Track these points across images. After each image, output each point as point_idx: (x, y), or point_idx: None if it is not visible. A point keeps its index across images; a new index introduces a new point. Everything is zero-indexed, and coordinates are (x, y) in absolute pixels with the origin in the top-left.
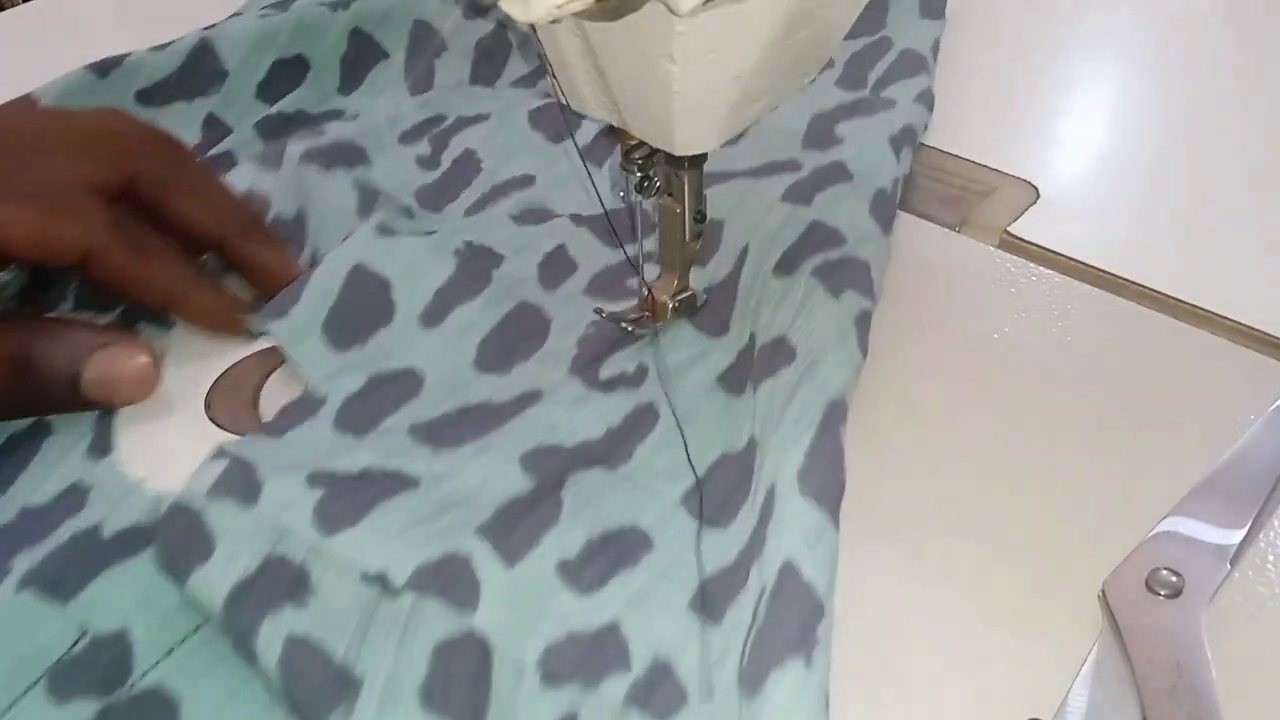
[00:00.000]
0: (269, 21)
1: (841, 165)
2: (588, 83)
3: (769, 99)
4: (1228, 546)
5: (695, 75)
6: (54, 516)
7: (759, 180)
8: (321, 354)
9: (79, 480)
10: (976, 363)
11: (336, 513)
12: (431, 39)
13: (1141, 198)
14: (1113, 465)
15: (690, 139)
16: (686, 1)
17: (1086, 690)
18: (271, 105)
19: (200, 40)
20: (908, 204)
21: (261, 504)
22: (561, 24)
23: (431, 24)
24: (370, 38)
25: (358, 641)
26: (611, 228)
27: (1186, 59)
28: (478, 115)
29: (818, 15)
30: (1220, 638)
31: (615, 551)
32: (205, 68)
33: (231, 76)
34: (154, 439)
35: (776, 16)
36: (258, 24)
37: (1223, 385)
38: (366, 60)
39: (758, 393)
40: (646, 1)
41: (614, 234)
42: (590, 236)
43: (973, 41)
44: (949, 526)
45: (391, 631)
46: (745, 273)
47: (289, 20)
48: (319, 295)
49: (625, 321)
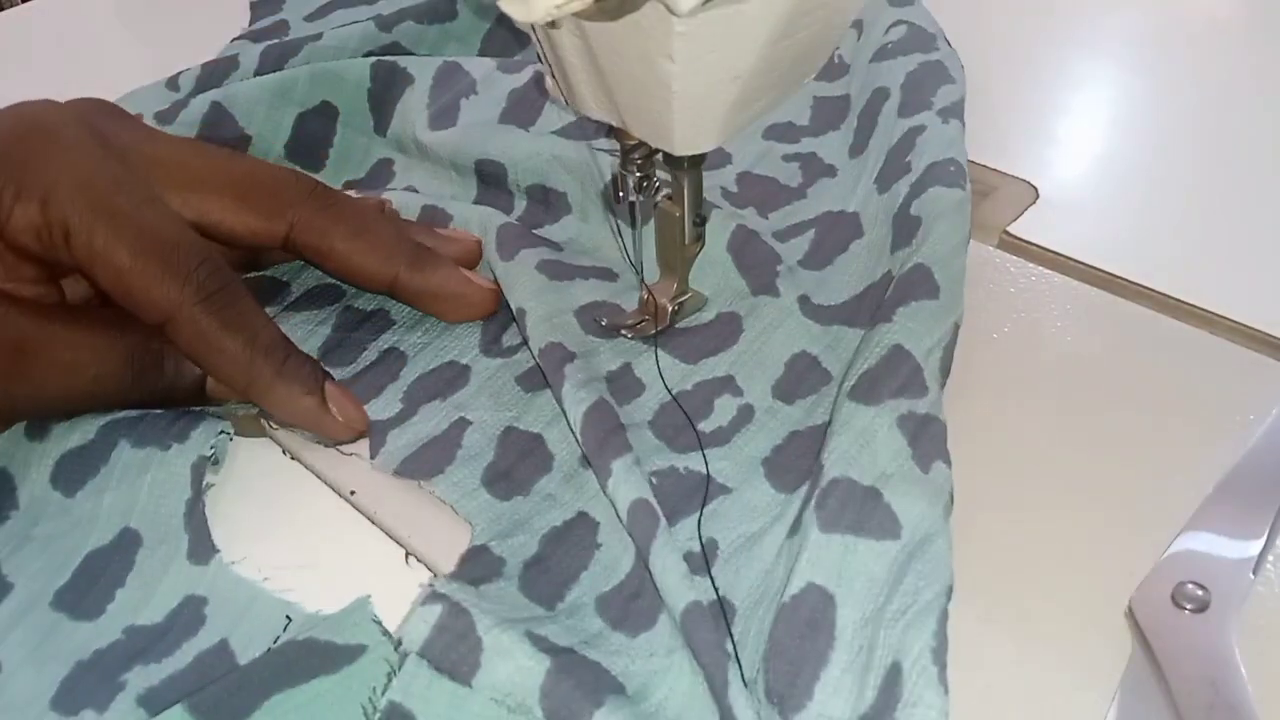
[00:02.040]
0: (283, 76)
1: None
2: (587, 83)
3: (769, 99)
4: (1249, 557)
5: (695, 75)
6: (171, 636)
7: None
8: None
9: (192, 592)
10: (976, 363)
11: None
12: (461, 78)
13: (1141, 198)
14: (1119, 470)
15: (690, 139)
16: (686, 1)
17: (1121, 711)
18: (300, 161)
19: (211, 105)
20: None
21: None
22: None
23: (462, 65)
24: (395, 65)
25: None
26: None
27: (1187, 59)
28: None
29: (817, 15)
30: (1249, 649)
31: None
32: (226, 133)
33: (256, 140)
34: (254, 519)
35: (776, 16)
36: (271, 80)
37: (1223, 386)
38: (393, 92)
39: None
40: (646, 1)
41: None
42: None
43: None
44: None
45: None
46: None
47: (302, 71)
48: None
49: (624, 328)
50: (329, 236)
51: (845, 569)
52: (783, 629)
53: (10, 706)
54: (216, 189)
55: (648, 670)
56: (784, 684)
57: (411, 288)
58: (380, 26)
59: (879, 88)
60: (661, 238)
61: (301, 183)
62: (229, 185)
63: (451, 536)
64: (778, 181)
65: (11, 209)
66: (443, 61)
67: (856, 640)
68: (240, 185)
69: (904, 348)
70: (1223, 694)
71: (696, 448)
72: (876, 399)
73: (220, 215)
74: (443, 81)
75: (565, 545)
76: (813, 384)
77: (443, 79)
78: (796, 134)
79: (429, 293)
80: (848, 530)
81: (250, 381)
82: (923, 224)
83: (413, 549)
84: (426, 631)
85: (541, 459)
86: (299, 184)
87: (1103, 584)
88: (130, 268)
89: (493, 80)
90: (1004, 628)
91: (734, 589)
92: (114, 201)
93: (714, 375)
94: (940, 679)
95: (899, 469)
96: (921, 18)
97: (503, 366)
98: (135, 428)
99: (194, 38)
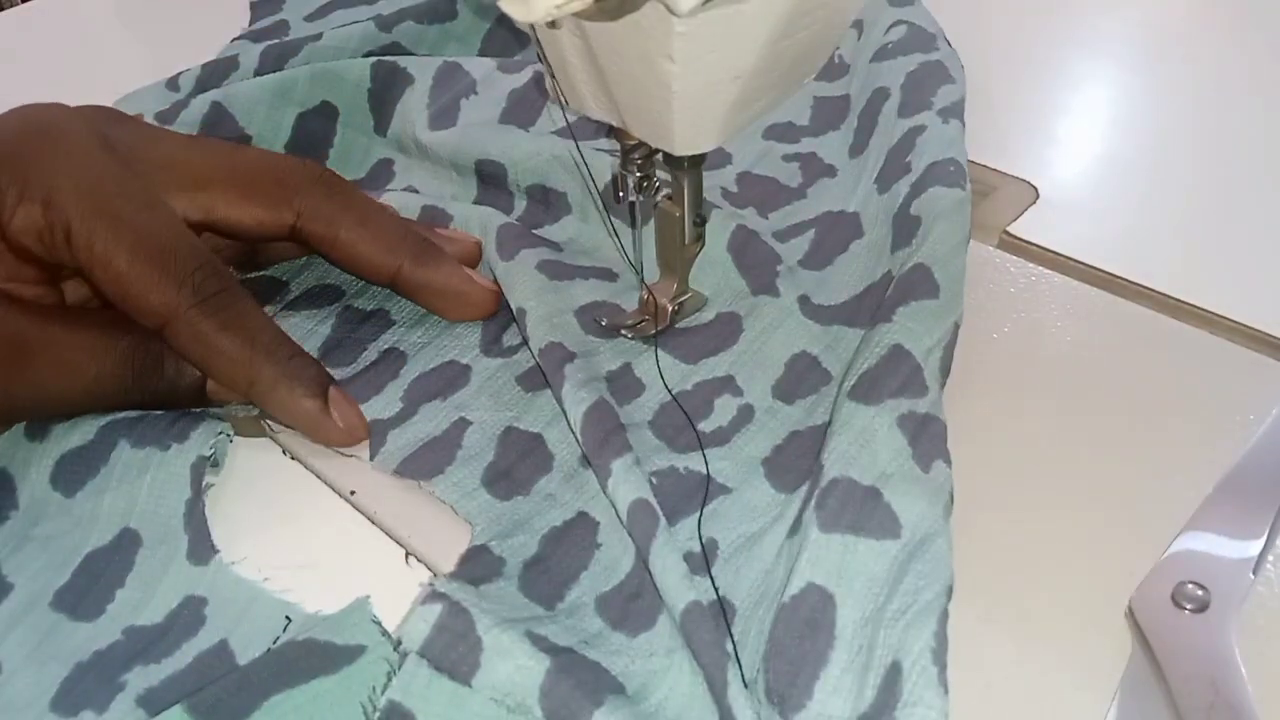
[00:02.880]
0: (283, 76)
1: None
2: (587, 83)
3: (769, 99)
4: (1249, 557)
5: (695, 75)
6: (171, 636)
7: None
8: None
9: (191, 593)
10: (976, 363)
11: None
12: (461, 78)
13: (1141, 198)
14: (1119, 470)
15: (690, 139)
16: (686, 1)
17: (1121, 711)
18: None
19: (211, 105)
20: None
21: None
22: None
23: (462, 65)
24: (395, 65)
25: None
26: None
27: (1186, 59)
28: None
29: (817, 15)
30: (1249, 649)
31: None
32: (226, 134)
33: (256, 140)
34: (254, 519)
35: (776, 16)
36: (271, 80)
37: (1223, 386)
38: (393, 92)
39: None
40: (646, 1)
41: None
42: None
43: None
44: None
45: None
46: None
47: (302, 71)
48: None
49: (624, 329)
50: (335, 224)
51: (845, 569)
52: (783, 629)
53: (10, 707)
54: (222, 185)
55: (647, 670)
56: (784, 684)
57: (414, 281)
58: (380, 26)
59: (879, 88)
60: (661, 238)
61: (307, 169)
62: (234, 180)
63: (451, 536)
64: (778, 181)
65: (15, 209)
66: (443, 62)
67: (856, 640)
68: (245, 178)
69: (904, 347)
70: (1223, 694)
71: (697, 448)
72: (876, 399)
73: (227, 210)
74: (443, 81)
75: (565, 545)
76: (813, 384)
77: (443, 79)
78: (796, 134)
79: (432, 288)
80: (848, 530)
81: (251, 382)
82: (923, 224)
83: (413, 549)
84: (426, 631)
85: (542, 459)
86: (304, 171)
87: (1103, 584)
88: (127, 272)
89: (493, 80)
90: (1004, 628)
91: (734, 589)
92: (114, 205)
93: (714, 375)
94: (940, 679)
95: (899, 468)
96: (921, 18)
97: (503, 366)
98: (135, 428)
99: (194, 38)
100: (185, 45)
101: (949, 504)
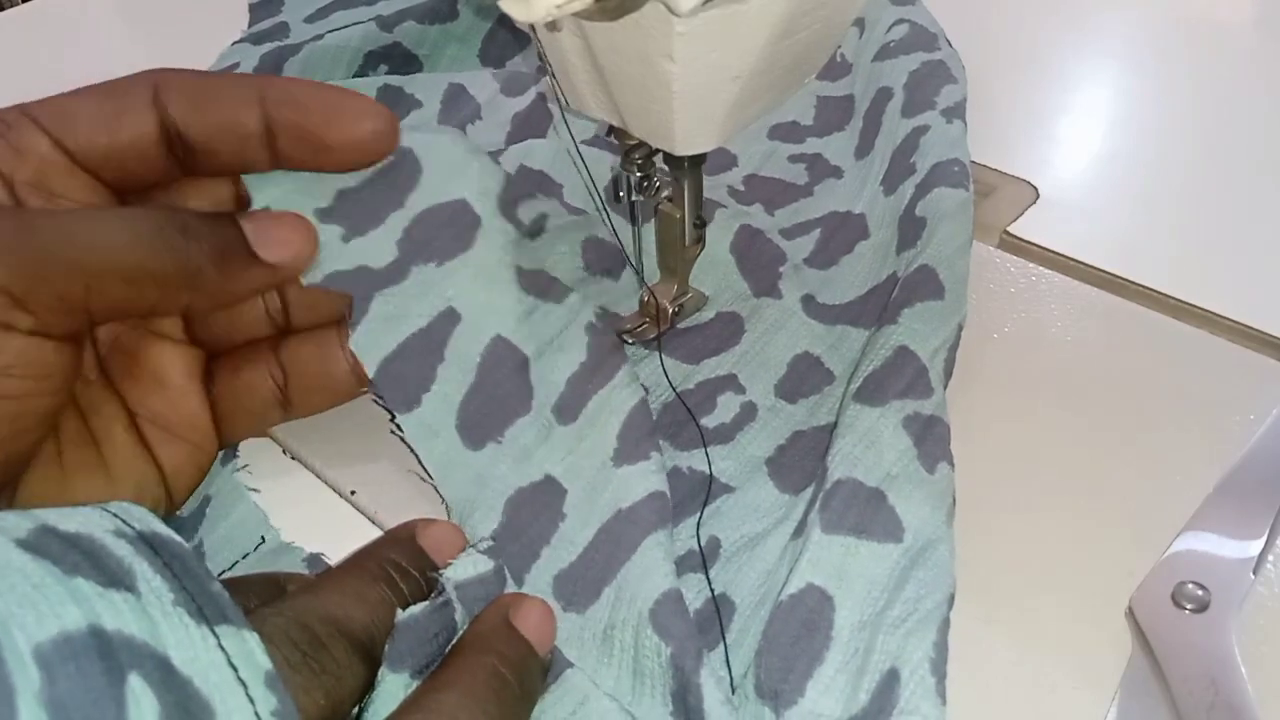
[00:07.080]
0: None
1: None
2: (587, 83)
3: (769, 99)
4: (1249, 557)
5: (695, 75)
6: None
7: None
8: (456, 453)
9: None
10: (976, 363)
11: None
12: (467, 103)
13: (1141, 198)
14: (1120, 470)
15: (690, 139)
16: (686, 1)
17: (1121, 711)
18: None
19: None
20: None
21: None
22: (561, 24)
23: (467, 88)
24: (401, 90)
25: None
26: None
27: (1186, 59)
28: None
29: (818, 15)
30: (1249, 649)
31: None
32: None
33: None
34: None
35: (776, 16)
36: None
37: (1223, 386)
38: (399, 114)
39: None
40: (646, 1)
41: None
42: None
43: (973, 41)
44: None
45: None
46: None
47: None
48: (455, 379)
49: (624, 332)
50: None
51: (845, 570)
52: (778, 626)
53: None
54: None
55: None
56: (776, 680)
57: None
58: (381, 27)
59: (882, 87)
60: (662, 240)
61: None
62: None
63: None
64: (784, 181)
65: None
66: (448, 84)
67: (853, 642)
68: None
69: (909, 349)
70: (1223, 694)
71: (699, 445)
72: (882, 400)
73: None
74: (449, 105)
75: (528, 513)
76: (815, 383)
77: (449, 103)
78: (801, 134)
79: (297, 102)
80: (850, 532)
81: (188, 275)
82: (927, 225)
83: None
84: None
85: (522, 394)
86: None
87: (1103, 584)
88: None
89: (497, 104)
90: (1004, 628)
91: (735, 588)
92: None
93: (716, 374)
94: (938, 690)
95: (904, 470)
96: (922, 17)
97: (510, 245)
98: None
99: (194, 39)
100: (185, 46)
101: (952, 508)
